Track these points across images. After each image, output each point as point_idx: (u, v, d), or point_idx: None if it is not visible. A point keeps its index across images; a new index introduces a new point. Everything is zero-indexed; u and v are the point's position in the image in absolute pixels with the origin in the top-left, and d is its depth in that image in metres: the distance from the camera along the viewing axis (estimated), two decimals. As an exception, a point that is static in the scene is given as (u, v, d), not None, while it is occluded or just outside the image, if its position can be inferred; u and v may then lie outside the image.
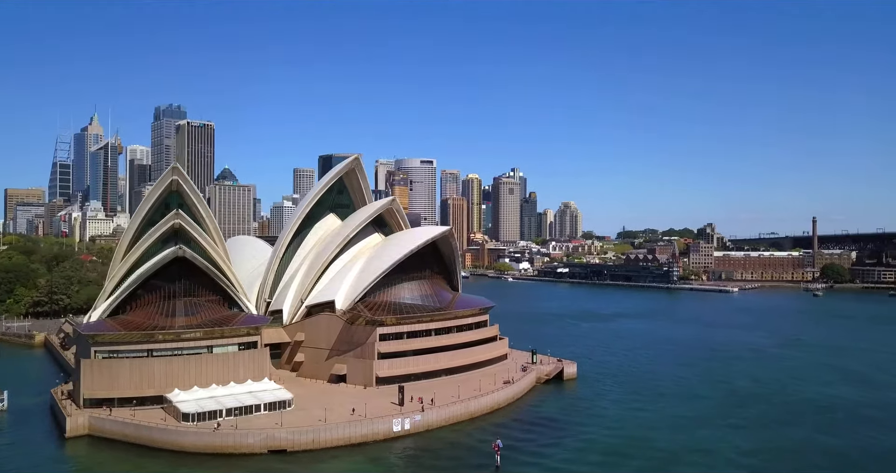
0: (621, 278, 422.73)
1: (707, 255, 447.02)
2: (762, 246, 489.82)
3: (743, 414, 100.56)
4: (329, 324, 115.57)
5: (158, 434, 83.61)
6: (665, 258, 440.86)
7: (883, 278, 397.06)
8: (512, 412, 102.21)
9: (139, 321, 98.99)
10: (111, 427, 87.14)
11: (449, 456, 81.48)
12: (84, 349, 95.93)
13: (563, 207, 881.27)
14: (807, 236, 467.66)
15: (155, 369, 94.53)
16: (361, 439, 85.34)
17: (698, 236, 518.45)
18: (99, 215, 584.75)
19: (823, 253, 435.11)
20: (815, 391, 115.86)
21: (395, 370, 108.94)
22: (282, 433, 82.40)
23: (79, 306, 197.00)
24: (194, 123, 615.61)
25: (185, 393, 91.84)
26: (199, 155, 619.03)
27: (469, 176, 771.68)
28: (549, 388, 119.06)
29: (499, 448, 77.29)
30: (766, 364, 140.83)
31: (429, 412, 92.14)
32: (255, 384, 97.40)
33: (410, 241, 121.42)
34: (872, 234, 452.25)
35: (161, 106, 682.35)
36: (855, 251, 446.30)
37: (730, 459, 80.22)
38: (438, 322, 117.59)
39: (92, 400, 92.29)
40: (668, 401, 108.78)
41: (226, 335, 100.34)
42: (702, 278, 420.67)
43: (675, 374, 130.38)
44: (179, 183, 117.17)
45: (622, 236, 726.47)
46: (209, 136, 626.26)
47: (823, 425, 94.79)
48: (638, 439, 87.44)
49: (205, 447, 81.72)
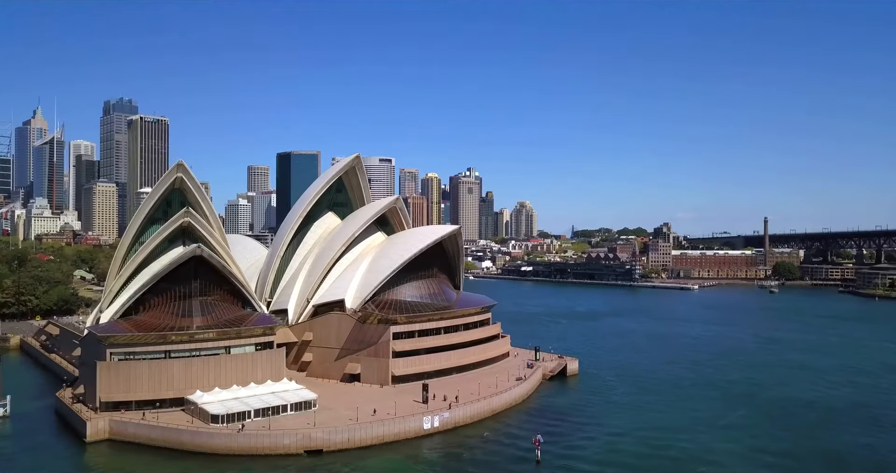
0: (584, 276, 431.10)
1: (665, 253, 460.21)
2: (716, 245, 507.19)
3: (745, 403, 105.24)
4: (339, 323, 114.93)
5: (189, 437, 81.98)
6: (626, 257, 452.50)
7: (830, 275, 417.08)
8: (529, 408, 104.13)
9: (153, 321, 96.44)
10: (135, 430, 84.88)
11: (486, 451, 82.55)
12: (97, 352, 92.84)
13: (518, 206, 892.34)
14: (758, 236, 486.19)
15: (174, 370, 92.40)
16: (394, 437, 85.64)
17: (655, 235, 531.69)
18: (45, 212, 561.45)
19: (774, 252, 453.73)
20: (813, 390, 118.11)
21: (410, 368, 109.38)
22: (318, 433, 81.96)
23: (48, 307, 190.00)
24: (148, 119, 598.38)
25: (209, 395, 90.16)
26: (152, 151, 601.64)
27: (428, 175, 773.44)
28: (555, 384, 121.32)
29: (539, 443, 78.80)
30: (755, 361, 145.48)
31: (455, 409, 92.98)
32: (277, 385, 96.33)
33: (420, 240, 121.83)
34: (819, 233, 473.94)
35: (111, 100, 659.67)
36: (803, 250, 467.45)
37: (754, 445, 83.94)
38: (448, 321, 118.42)
39: (109, 403, 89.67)
40: (677, 395, 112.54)
41: (243, 336, 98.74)
42: (661, 275, 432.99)
43: (671, 370, 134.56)
44: (183, 180, 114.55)
45: (577, 236, 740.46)
46: (163, 132, 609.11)
47: (824, 423, 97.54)
48: (664, 429, 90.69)
49: (239, 448, 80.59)
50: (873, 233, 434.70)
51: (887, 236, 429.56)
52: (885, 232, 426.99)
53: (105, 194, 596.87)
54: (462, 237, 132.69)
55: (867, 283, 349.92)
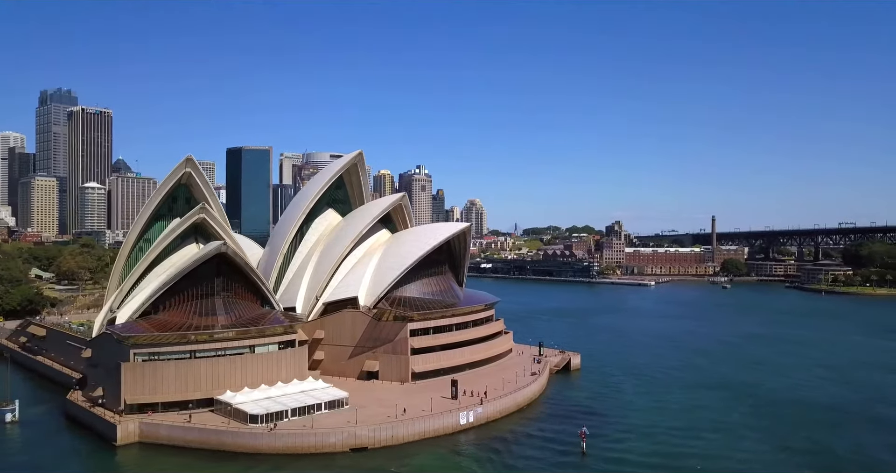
0: (543, 273, 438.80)
1: (619, 251, 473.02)
2: (665, 243, 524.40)
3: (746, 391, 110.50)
4: (353, 321, 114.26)
5: (230, 438, 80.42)
6: (581, 254, 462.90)
7: (774, 271, 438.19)
8: (548, 402, 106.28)
9: (175, 321, 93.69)
10: (168, 432, 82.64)
11: (528, 445, 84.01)
12: (118, 353, 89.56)
13: (469, 204, 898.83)
14: (705, 234, 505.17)
15: (201, 371, 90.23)
16: (434, 433, 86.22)
17: (607, 233, 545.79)
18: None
19: (722, 249, 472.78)
20: (799, 386, 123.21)
21: (429, 365, 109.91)
22: (363, 430, 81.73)
23: (11, 307, 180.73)
24: (90, 110, 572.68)
25: (241, 395, 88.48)
26: (94, 145, 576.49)
27: (381, 172, 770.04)
28: (561, 379, 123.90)
29: (585, 435, 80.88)
30: (743, 355, 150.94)
31: (487, 404, 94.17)
32: (304, 384, 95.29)
33: (432, 237, 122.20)
34: (762, 231, 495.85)
35: (48, 90, 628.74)
36: (747, 248, 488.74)
37: (773, 431, 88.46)
38: (460, 317, 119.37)
39: (133, 406, 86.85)
40: (682, 387, 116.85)
41: (267, 334, 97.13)
42: (617, 272, 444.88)
43: (664, 363, 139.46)
44: (191, 175, 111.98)
45: (528, 233, 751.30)
46: (107, 124, 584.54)
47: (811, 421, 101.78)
48: (697, 419, 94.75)
49: (284, 448, 79.64)
50: (812, 231, 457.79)
51: (825, 235, 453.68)
52: (824, 230, 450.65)
53: (44, 189, 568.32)
54: (471, 235, 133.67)
55: (811, 279, 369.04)
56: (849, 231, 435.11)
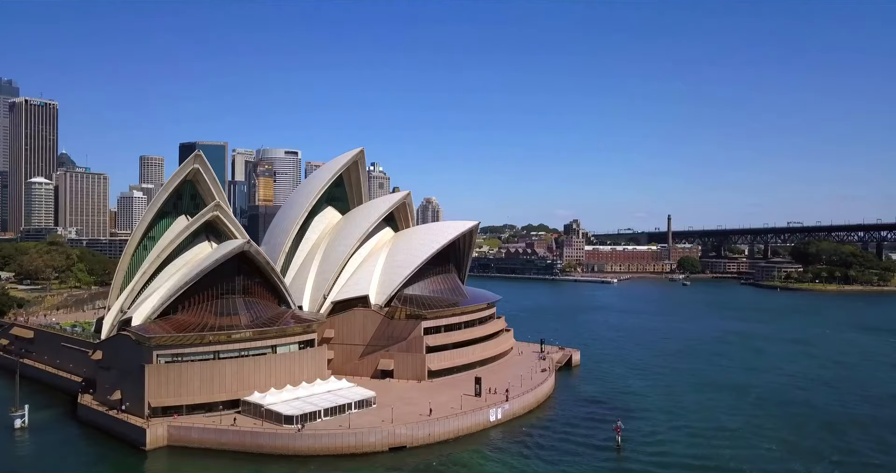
0: (507, 270, 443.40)
1: (579, 249, 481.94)
2: (622, 241, 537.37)
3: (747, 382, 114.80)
4: (365, 319, 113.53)
5: (268, 440, 79.06)
6: (543, 252, 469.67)
7: (727, 268, 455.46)
8: (563, 397, 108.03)
9: (195, 321, 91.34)
10: (200, 435, 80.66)
11: (560, 439, 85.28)
12: (138, 355, 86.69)
13: (425, 202, 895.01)
14: (660, 232, 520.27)
15: (226, 371, 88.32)
16: (467, 430, 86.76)
17: (566, 231, 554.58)
18: None
19: (677, 247, 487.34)
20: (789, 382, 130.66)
21: (444, 362, 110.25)
22: (401, 429, 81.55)
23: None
24: (34, 102, 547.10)
25: (270, 396, 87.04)
26: (38, 138, 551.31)
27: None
28: (563, 375, 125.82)
29: (620, 429, 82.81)
30: (740, 356, 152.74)
31: (512, 401, 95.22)
32: (329, 384, 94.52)
33: (441, 235, 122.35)
34: (714, 230, 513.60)
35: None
36: (700, 246, 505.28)
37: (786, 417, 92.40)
38: (468, 315, 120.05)
39: (158, 409, 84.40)
40: (685, 380, 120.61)
41: (287, 334, 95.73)
42: (578, 270, 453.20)
43: (659, 359, 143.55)
44: (199, 171, 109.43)
45: (485, 232, 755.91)
46: (52, 117, 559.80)
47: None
48: (714, 417, 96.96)
49: (322, 449, 78.80)
50: (762, 230, 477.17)
51: (775, 233, 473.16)
52: (773, 229, 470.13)
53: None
54: (477, 233, 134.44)
55: (765, 275, 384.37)
56: (797, 230, 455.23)
